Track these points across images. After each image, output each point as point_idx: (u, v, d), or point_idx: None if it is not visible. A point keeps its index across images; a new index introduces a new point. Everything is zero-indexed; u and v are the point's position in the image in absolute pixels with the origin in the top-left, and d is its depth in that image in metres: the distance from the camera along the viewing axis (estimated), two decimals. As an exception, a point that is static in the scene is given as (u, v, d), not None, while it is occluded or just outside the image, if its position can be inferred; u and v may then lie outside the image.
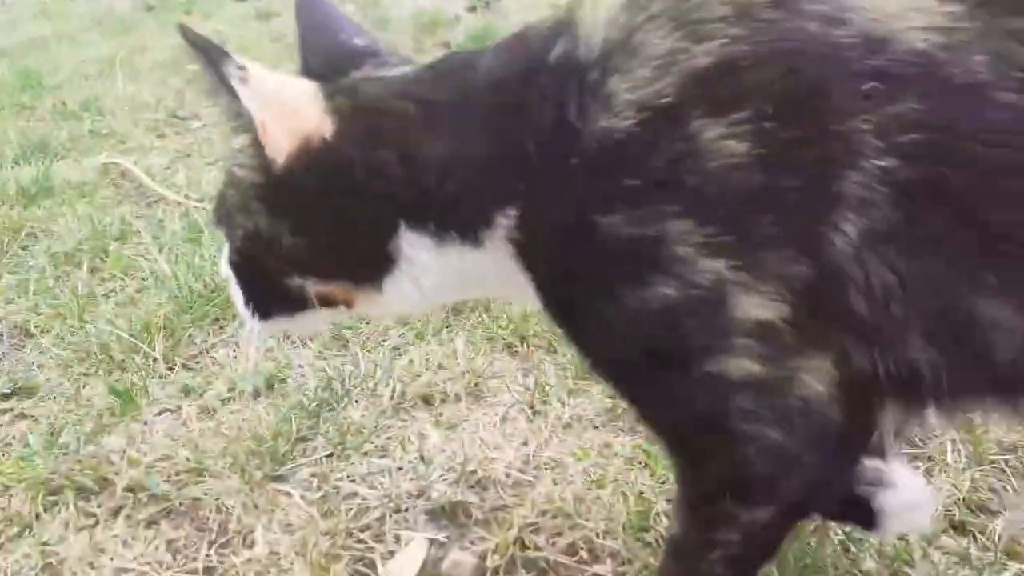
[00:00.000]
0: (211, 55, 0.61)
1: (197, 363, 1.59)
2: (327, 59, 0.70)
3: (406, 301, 0.69)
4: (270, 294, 0.71)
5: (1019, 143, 0.48)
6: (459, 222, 0.63)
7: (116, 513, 1.25)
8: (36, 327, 1.75)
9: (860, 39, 0.50)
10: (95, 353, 1.63)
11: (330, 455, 1.28)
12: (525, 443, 1.23)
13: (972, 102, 0.48)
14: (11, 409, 1.53)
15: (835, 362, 0.55)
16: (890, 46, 0.49)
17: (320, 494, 1.21)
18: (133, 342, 1.61)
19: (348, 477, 1.23)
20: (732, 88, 0.50)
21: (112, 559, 1.17)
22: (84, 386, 1.57)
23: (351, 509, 1.17)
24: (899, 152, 0.49)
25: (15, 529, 1.25)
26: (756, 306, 0.53)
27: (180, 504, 1.24)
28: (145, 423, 1.42)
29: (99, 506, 1.27)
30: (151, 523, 1.23)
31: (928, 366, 0.53)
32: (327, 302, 0.70)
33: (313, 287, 0.69)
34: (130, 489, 1.28)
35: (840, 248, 0.51)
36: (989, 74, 0.47)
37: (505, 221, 0.61)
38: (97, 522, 1.24)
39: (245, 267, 0.71)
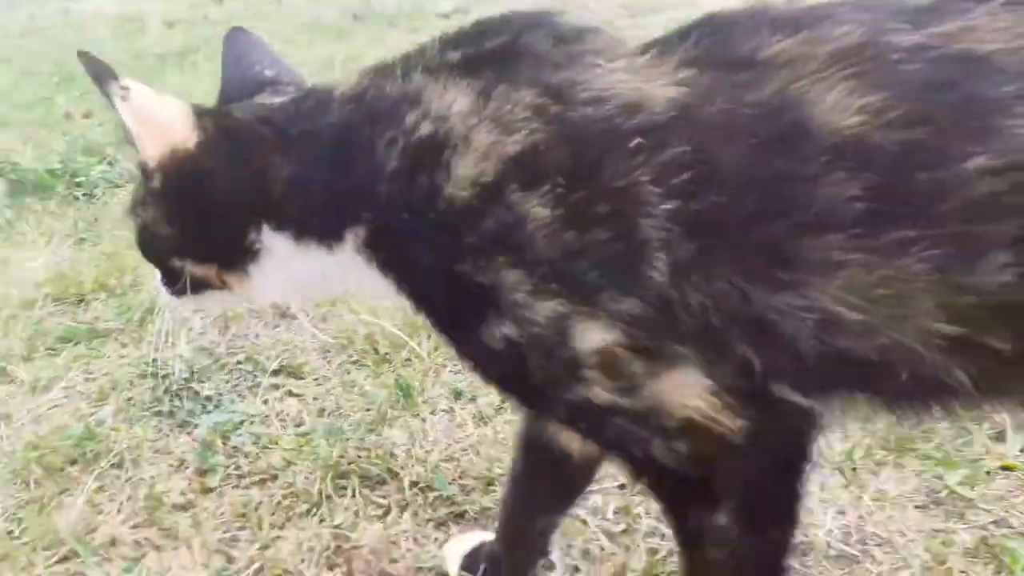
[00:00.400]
0: (101, 76, 0.74)
1: (459, 367, 1.59)
2: (239, 85, 0.85)
3: (273, 288, 0.82)
4: (167, 274, 0.85)
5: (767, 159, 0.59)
6: (313, 231, 0.75)
7: (404, 508, 1.24)
8: (299, 309, 1.80)
9: (620, 107, 0.63)
10: (358, 343, 1.66)
11: (622, 486, 1.23)
12: (842, 512, 1.15)
13: (724, 136, 0.60)
14: (280, 385, 1.58)
15: (706, 374, 0.63)
16: (646, 104, 0.62)
17: (621, 527, 1.16)
18: (399, 336, 1.63)
19: (647, 512, 1.18)
20: (536, 167, 0.64)
21: (408, 553, 1.16)
22: (347, 373, 1.60)
23: (656, 551, 1.11)
24: (678, 192, 0.60)
25: (304, 506, 1.27)
26: (595, 339, 0.63)
27: (469, 510, 1.23)
28: (423, 420, 1.42)
29: (385, 498, 1.27)
30: (440, 524, 1.22)
31: (761, 364, 0.62)
32: (207, 282, 0.83)
33: (190, 268, 0.82)
34: (416, 485, 1.27)
35: (660, 281, 0.61)
36: (730, 113, 0.60)
37: (354, 238, 0.74)
38: (386, 513, 1.24)
39: (145, 251, 0.85)
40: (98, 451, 1.39)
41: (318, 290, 0.95)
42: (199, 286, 0.84)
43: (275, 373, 1.62)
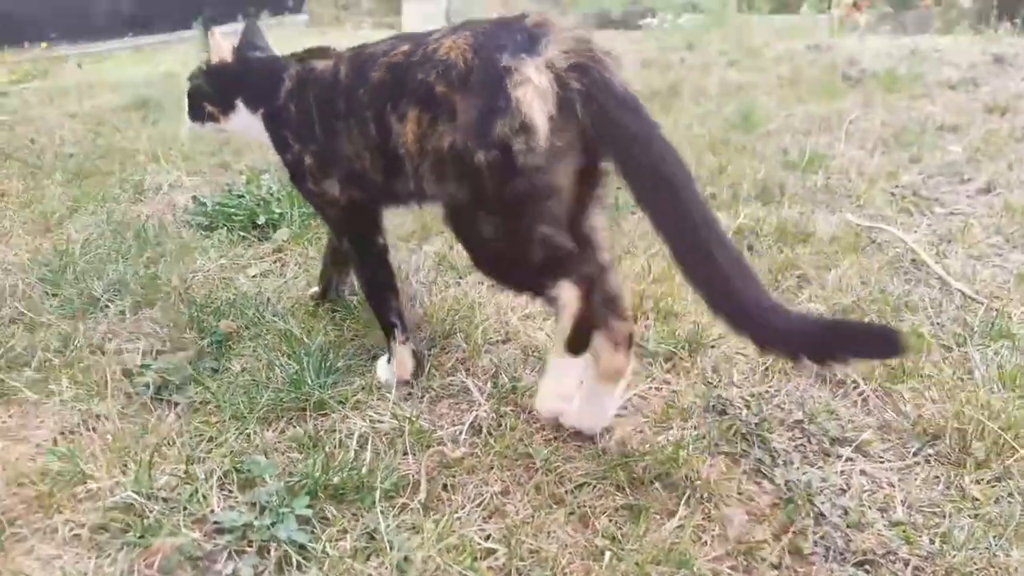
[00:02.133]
0: (208, 25, 2.18)
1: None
2: (249, 47, 1.88)
3: (240, 127, 1.86)
4: (194, 112, 1.92)
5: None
6: (252, 107, 1.81)
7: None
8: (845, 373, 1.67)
9: (317, 72, 1.71)
10: (942, 434, 1.48)
11: None
12: None
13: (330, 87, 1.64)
14: (851, 459, 1.45)
15: (337, 180, 1.68)
16: (325, 71, 1.69)
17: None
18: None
19: None
20: (289, 93, 1.73)
21: None
22: (928, 463, 1.43)
23: None
24: (320, 106, 1.65)
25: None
26: (308, 160, 1.70)
27: None
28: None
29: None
30: None
31: (344, 176, 1.67)
32: (213, 117, 1.89)
33: (209, 108, 1.88)
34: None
35: (320, 139, 1.65)
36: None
37: (263, 112, 1.79)
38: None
39: (192, 98, 1.92)
40: (680, 476, 1.39)
41: (249, 132, 1.86)
42: (209, 118, 1.89)
43: (838, 442, 1.50)
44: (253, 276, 2.32)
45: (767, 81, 4.92)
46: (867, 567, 1.21)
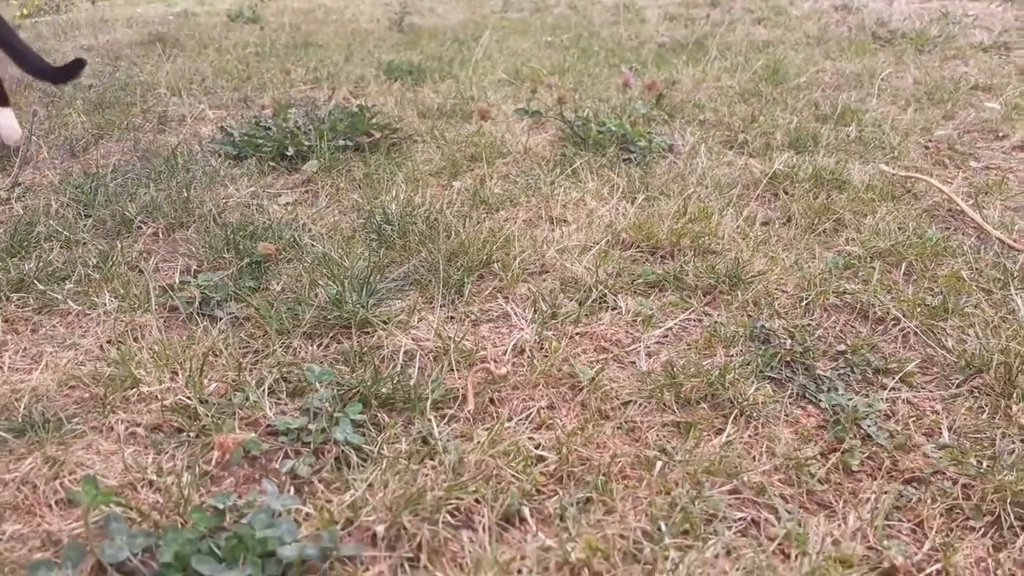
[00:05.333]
0: None
1: None
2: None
3: None
4: None
5: None
6: None
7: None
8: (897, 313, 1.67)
9: None
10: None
11: None
12: None
13: None
14: (895, 388, 1.47)
15: None
16: None
17: None
18: None
19: None
20: None
21: None
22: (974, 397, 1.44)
23: None
24: None
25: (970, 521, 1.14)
26: None
27: None
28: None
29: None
30: None
31: None
32: None
33: None
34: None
35: None
36: None
37: None
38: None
39: None
40: (726, 397, 1.40)
41: None
42: None
43: (881, 373, 1.51)
44: (285, 205, 2.32)
45: (794, 38, 4.85)
46: (915, 485, 1.22)
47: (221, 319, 1.67)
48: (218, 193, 2.36)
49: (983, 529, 1.14)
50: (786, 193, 2.36)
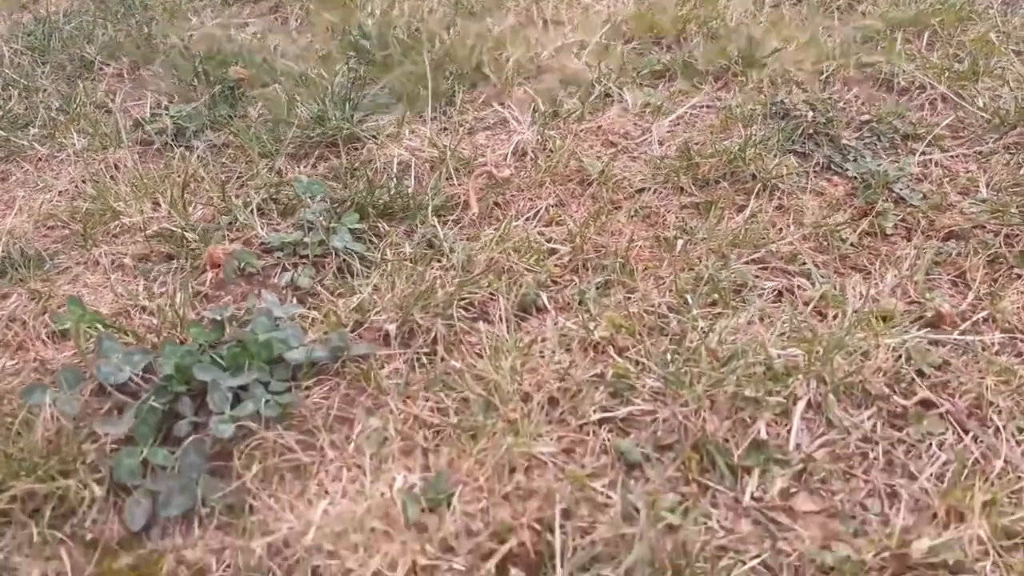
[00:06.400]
0: None
1: None
2: None
3: None
4: None
5: None
6: None
7: None
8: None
9: None
10: None
11: None
12: None
13: None
14: (926, 152, 1.37)
15: None
16: None
17: None
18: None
19: None
20: None
21: None
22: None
23: None
24: None
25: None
26: None
27: None
28: None
29: None
30: None
31: None
32: None
33: None
34: None
35: None
36: None
37: None
38: None
39: None
40: (748, 173, 1.31)
41: None
42: None
43: (910, 138, 1.41)
44: (254, 33, 2.14)
45: None
46: (954, 241, 1.15)
47: (198, 148, 1.55)
48: (181, 27, 2.17)
49: (1029, 276, 1.07)
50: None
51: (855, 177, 1.29)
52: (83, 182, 1.47)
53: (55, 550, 0.83)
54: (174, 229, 1.27)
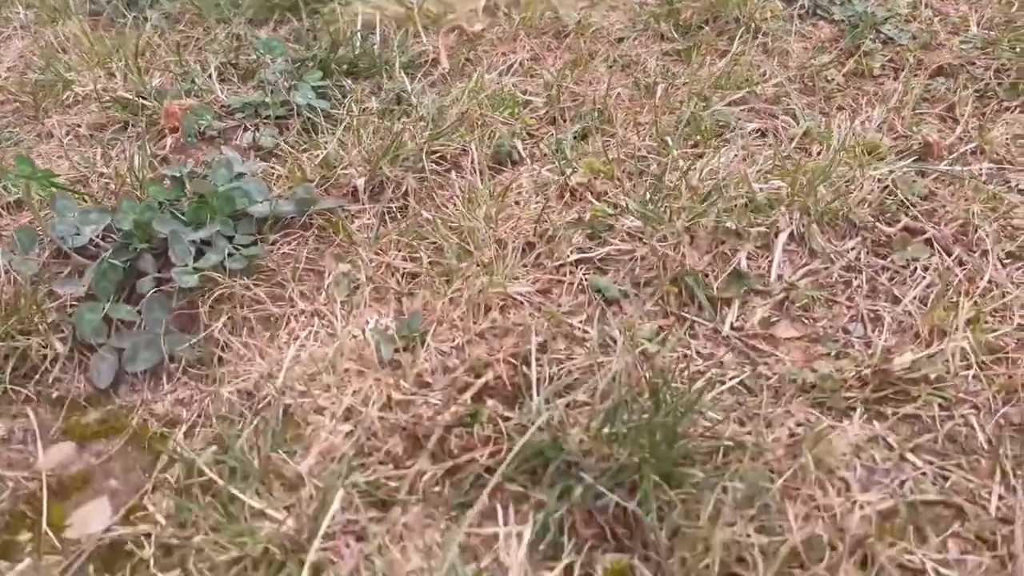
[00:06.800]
0: None
1: None
2: None
3: None
4: None
5: None
6: None
7: None
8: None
9: None
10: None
11: None
12: None
13: None
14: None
15: None
16: None
17: None
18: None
19: None
20: None
21: None
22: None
23: None
24: None
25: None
26: None
27: None
28: None
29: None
30: None
31: None
32: None
33: None
34: None
35: None
36: None
37: None
38: None
39: None
40: (731, 17, 1.24)
41: None
42: None
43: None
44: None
45: None
46: (943, 77, 1.10)
47: (152, 18, 1.46)
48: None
49: (1019, 108, 1.03)
50: None
51: (842, 20, 1.23)
52: (32, 55, 1.39)
53: (20, 408, 0.81)
54: (130, 97, 1.21)
